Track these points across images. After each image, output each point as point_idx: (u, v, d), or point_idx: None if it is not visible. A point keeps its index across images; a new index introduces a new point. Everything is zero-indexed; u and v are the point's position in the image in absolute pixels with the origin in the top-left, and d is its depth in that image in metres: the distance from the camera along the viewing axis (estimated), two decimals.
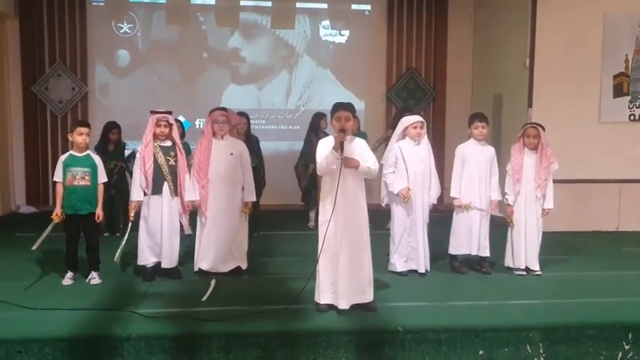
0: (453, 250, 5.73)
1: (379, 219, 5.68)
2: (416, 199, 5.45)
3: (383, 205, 5.66)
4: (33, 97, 9.17)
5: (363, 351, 4.05)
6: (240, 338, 4.00)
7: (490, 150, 5.76)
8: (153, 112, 5.24)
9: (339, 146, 4.29)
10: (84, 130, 5.12)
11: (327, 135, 5.85)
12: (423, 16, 9.80)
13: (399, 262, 5.51)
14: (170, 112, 5.30)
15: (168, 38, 9.50)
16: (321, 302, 4.46)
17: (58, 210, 5.04)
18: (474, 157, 5.66)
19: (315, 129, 7.67)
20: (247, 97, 9.55)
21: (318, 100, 9.62)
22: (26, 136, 9.24)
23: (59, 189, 5.07)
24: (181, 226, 5.33)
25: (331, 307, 4.44)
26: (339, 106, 4.50)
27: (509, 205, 5.62)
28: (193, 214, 5.65)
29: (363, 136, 7.74)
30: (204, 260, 5.45)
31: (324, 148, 4.43)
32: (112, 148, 7.12)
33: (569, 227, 7.51)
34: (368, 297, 4.51)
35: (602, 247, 6.93)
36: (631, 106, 7.97)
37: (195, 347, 3.96)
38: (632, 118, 7.97)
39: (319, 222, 4.51)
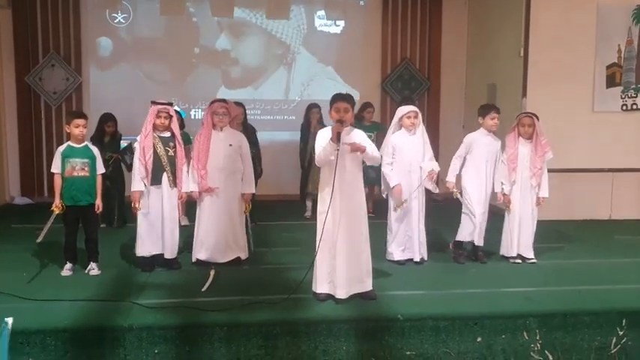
0: (459, 236, 5.71)
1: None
2: (412, 189, 5.47)
3: (384, 196, 5.70)
4: (27, 87, 9.12)
5: (362, 339, 4.10)
6: (242, 328, 4.03)
7: (498, 143, 5.71)
8: (154, 103, 5.22)
9: (336, 137, 4.29)
10: (80, 122, 5.10)
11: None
12: (418, 6, 9.79)
13: (396, 252, 5.55)
14: (171, 104, 5.29)
15: (162, 28, 9.44)
16: (318, 291, 4.50)
17: (57, 201, 5.01)
18: (483, 147, 5.63)
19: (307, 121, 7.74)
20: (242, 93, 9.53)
21: (313, 91, 9.65)
22: (20, 127, 9.18)
23: (57, 180, 5.04)
24: None
25: (329, 296, 4.47)
26: (338, 98, 4.48)
27: (505, 194, 5.66)
28: (192, 205, 5.67)
29: (378, 127, 7.80)
30: (201, 251, 5.47)
31: (323, 139, 4.43)
32: (108, 139, 7.10)
33: (563, 216, 7.57)
34: (367, 286, 4.54)
35: (596, 235, 7.02)
36: (623, 96, 8.03)
37: (197, 337, 3.98)
38: (624, 108, 8.04)
39: (318, 212, 4.53)
